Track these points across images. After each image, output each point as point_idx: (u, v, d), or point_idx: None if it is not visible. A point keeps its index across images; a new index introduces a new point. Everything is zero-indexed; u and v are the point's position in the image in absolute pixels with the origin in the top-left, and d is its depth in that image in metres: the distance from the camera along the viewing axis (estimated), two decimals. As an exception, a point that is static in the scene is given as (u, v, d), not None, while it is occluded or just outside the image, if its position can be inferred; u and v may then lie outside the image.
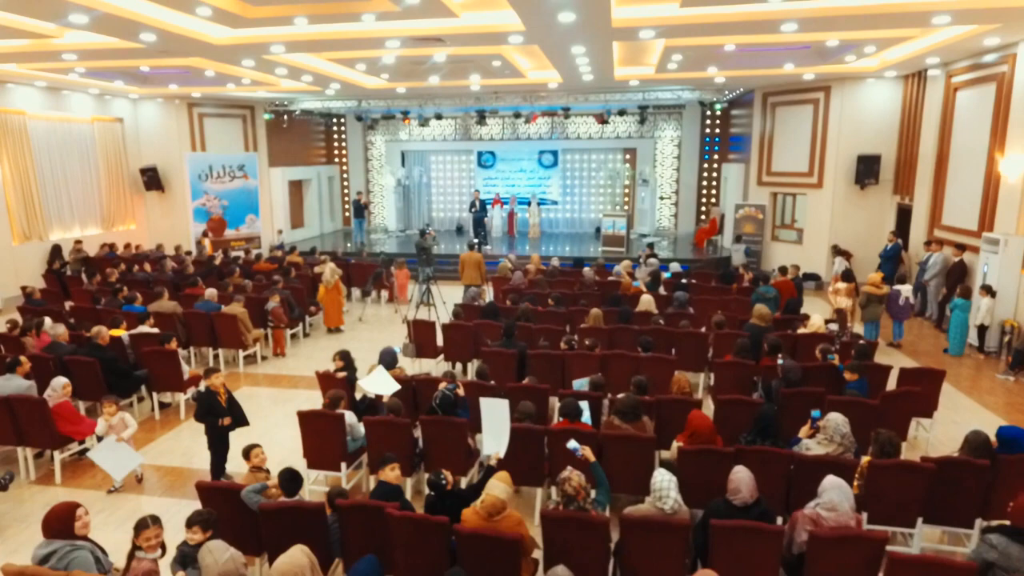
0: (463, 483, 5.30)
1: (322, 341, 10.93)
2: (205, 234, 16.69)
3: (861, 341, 7.35)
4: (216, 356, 9.42)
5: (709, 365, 7.68)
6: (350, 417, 5.58)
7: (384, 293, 13.69)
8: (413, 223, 21.08)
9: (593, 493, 4.07)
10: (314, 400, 7.19)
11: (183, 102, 16.83)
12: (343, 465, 5.49)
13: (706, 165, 19.80)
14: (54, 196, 14.75)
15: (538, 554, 4.20)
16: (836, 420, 4.60)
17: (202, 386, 6.31)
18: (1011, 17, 8.12)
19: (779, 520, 4.31)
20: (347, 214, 21.82)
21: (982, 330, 9.77)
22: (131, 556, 3.73)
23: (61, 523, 3.78)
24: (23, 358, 6.43)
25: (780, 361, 6.19)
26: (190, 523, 3.77)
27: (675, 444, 4.98)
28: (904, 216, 13.50)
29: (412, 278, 13.12)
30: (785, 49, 10.76)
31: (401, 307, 12.52)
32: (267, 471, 4.89)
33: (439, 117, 18.56)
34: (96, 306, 9.71)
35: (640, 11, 7.93)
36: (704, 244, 17.66)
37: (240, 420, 5.92)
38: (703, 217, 19.76)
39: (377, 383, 5.79)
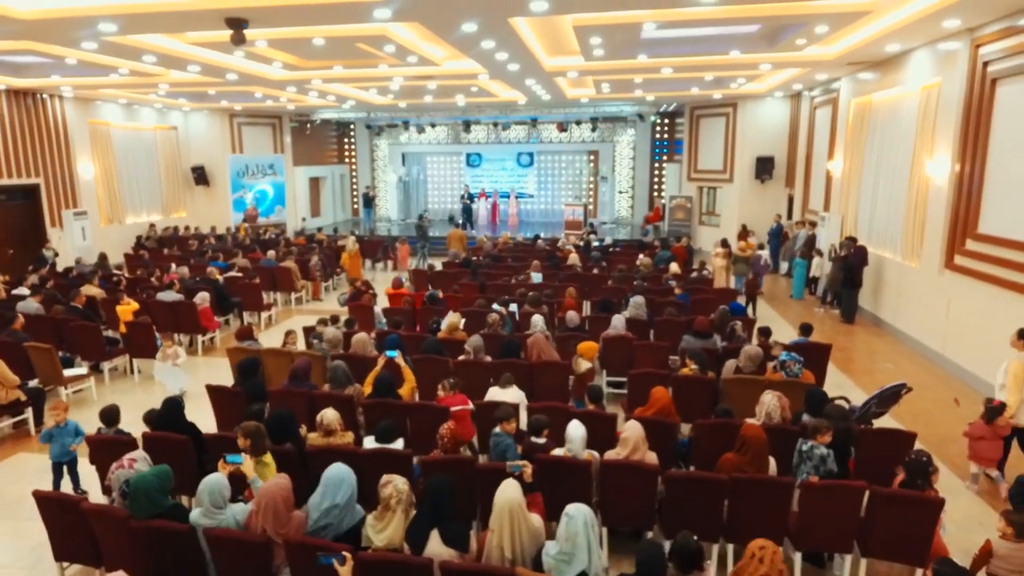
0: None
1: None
2: (245, 220, 20.69)
3: (694, 274, 11.42)
4: (275, 298, 13.45)
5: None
6: (377, 309, 9.60)
7: (390, 263, 17.72)
8: (412, 213, 25.12)
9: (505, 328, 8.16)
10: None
11: (225, 113, 20.73)
12: (373, 332, 9.49)
13: (656, 165, 23.80)
14: (128, 189, 18.66)
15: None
16: (636, 300, 8.65)
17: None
18: (816, 65, 12.14)
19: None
20: (355, 206, 25.90)
21: (813, 280, 13.82)
22: (284, 344, 7.79)
23: (248, 332, 7.84)
24: (176, 281, 10.45)
25: (635, 283, 10.27)
26: (315, 325, 7.84)
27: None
28: (791, 203, 17.57)
29: (411, 254, 17.19)
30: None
31: (403, 274, 16.53)
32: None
33: (433, 126, 22.59)
34: (188, 263, 13.71)
35: (562, 61, 11.94)
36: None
37: None
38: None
39: None
